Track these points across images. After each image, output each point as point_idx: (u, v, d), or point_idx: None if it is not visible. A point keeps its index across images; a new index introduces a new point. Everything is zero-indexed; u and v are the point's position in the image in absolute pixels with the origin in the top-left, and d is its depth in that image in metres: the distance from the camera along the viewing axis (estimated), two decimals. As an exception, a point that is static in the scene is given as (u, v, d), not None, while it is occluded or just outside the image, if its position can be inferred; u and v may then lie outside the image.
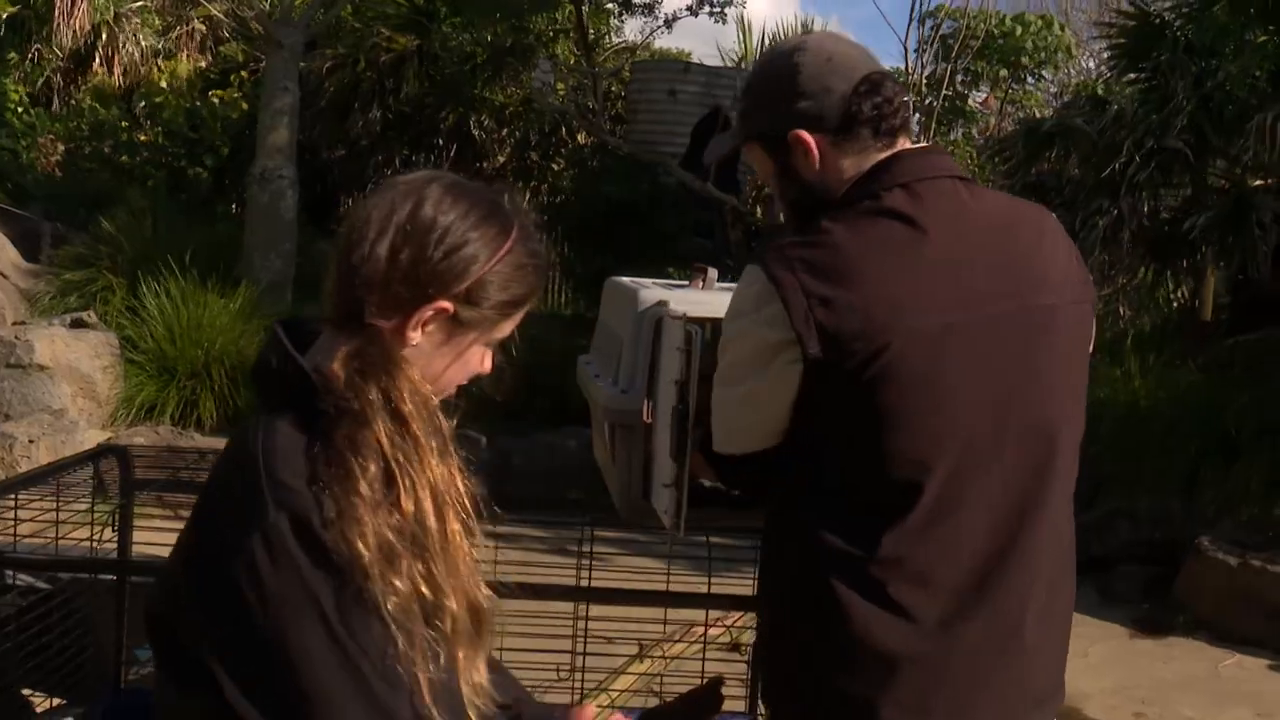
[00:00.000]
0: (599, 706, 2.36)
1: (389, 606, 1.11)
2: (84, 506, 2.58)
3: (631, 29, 13.44)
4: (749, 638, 2.57)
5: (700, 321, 1.85)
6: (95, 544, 2.55)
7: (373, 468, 1.13)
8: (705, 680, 2.45)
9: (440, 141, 12.11)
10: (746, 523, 2.22)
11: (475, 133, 11.96)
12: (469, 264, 1.23)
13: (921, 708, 1.52)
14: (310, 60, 10.77)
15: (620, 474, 2.09)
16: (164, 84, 12.50)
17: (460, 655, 1.16)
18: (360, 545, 1.10)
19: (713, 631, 2.48)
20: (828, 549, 1.52)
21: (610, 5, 11.08)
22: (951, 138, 12.77)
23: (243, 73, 12.01)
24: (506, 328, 1.30)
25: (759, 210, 10.78)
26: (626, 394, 2.04)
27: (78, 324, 7.87)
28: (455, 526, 1.17)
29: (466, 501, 1.20)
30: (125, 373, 7.75)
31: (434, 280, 1.22)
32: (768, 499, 1.69)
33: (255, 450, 1.16)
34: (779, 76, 1.66)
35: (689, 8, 10.79)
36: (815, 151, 1.64)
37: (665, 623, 2.54)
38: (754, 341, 1.57)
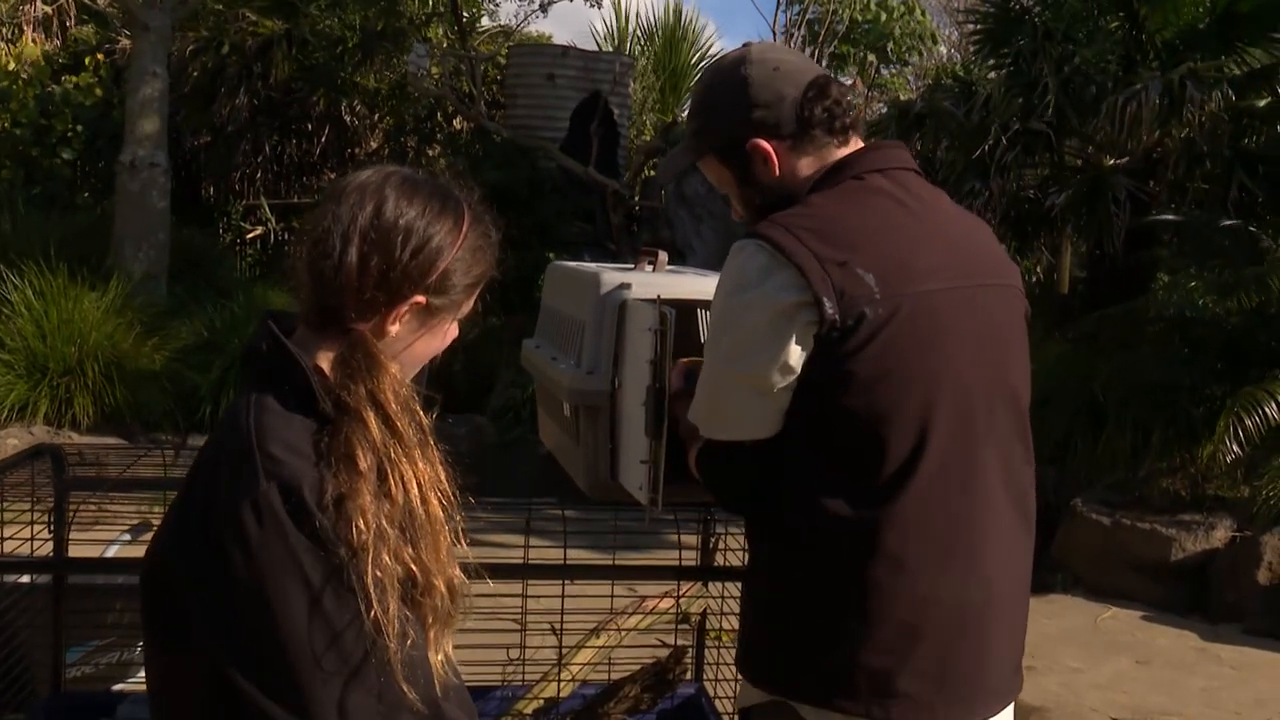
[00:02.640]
0: (562, 681, 2.42)
1: (370, 583, 1.17)
2: (17, 508, 2.52)
3: (506, 13, 13.36)
4: (698, 609, 2.66)
5: (670, 303, 1.92)
6: (31, 545, 2.49)
7: (370, 459, 1.22)
8: (668, 652, 2.55)
9: (311, 127, 11.86)
10: (708, 497, 2.31)
11: (347, 118, 11.74)
12: (435, 258, 1.31)
13: (940, 676, 1.59)
14: (172, 44, 10.40)
15: (586, 454, 2.14)
16: (11, 68, 11.90)
17: (435, 630, 1.24)
18: (360, 522, 1.18)
19: (664, 604, 2.56)
20: (841, 520, 1.56)
21: (484, -12, 10.99)
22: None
23: (99, 55, 11.51)
24: (470, 303, 1.39)
25: (638, 194, 10.88)
26: (592, 375, 2.09)
27: (-63, 324, 7.50)
28: (438, 512, 1.26)
29: (447, 489, 1.28)
30: (-7, 373, 7.41)
31: (405, 280, 1.29)
32: (745, 497, 1.70)
33: (247, 425, 1.23)
34: (730, 89, 1.74)
35: (564, -8, 10.78)
36: (774, 157, 1.72)
37: (613, 597, 2.60)
38: (767, 312, 1.57)
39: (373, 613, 1.16)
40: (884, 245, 1.60)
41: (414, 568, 1.22)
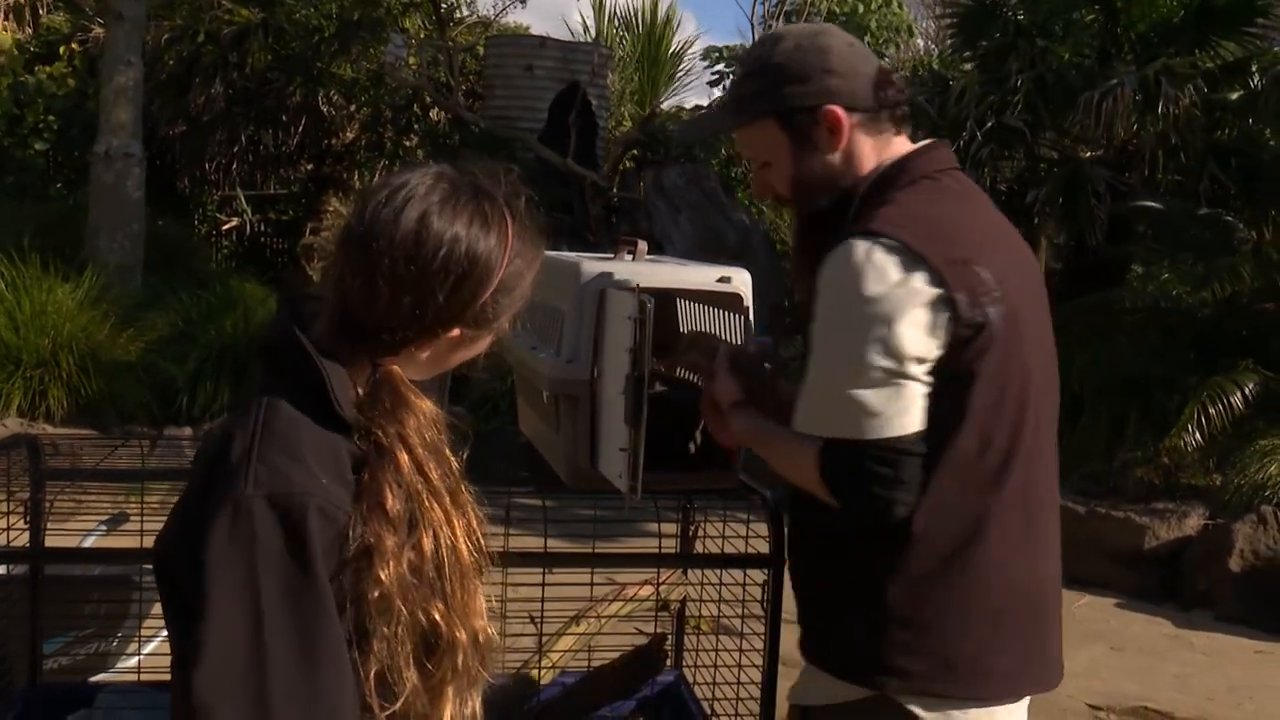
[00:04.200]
0: (542, 668, 2.42)
1: (378, 640, 1.12)
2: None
3: (484, 3, 13.31)
4: (678, 596, 2.67)
5: (650, 291, 1.92)
6: (8, 535, 2.47)
7: (401, 505, 1.15)
8: (649, 638, 2.55)
9: (287, 117, 11.78)
10: (696, 485, 2.32)
11: (324, 108, 11.67)
12: (473, 295, 1.21)
13: (1025, 655, 1.67)
14: (146, 32, 10.32)
15: (566, 443, 2.14)
16: (-17, 57, 11.78)
17: (454, 687, 1.18)
18: (381, 574, 1.12)
19: (643, 591, 2.56)
20: (953, 511, 1.59)
21: (462, -22, 10.95)
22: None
23: (73, 44, 11.40)
24: (507, 322, 1.30)
25: (617, 185, 10.87)
26: (572, 364, 2.09)
27: (-91, 315, 7.42)
28: (469, 562, 1.19)
29: (479, 537, 1.21)
30: (-36, 364, 7.34)
31: (439, 321, 1.21)
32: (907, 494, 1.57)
33: (255, 425, 1.17)
34: (806, 53, 1.69)
35: (543, -18, 10.75)
36: (845, 128, 1.68)
37: (592, 585, 2.60)
38: (912, 309, 1.53)
39: (374, 669, 1.11)
40: (985, 245, 1.63)
41: (439, 621, 1.15)
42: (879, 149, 1.71)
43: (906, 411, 1.55)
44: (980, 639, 1.62)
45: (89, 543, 3.11)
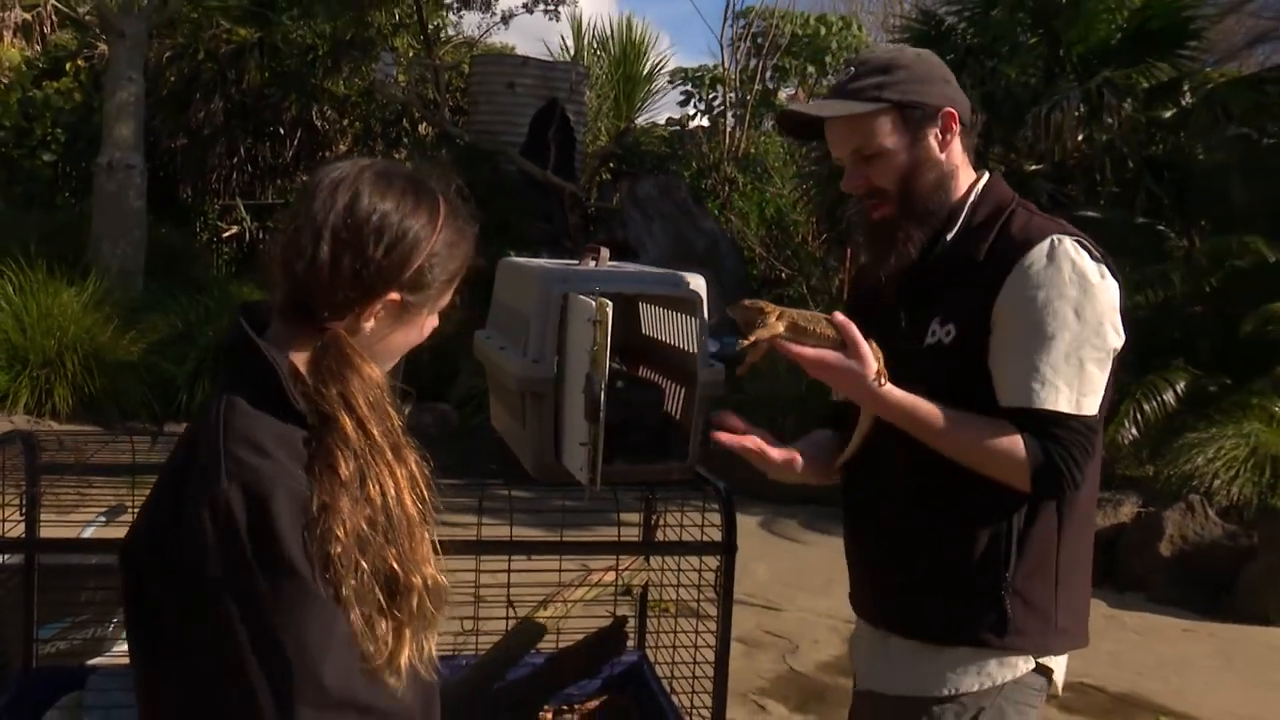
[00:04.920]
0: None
1: (347, 591, 1.12)
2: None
3: (469, 24, 13.28)
4: (640, 580, 2.67)
5: (609, 296, 1.92)
6: (4, 526, 2.44)
7: (352, 465, 1.16)
8: (613, 621, 2.55)
9: (283, 131, 11.72)
10: (647, 476, 2.32)
11: (318, 122, 11.61)
12: (409, 255, 1.22)
13: (1083, 614, 1.76)
14: (149, 50, 10.25)
15: (532, 438, 2.14)
16: (-7, 72, 11.67)
17: (412, 629, 1.18)
18: (339, 532, 1.12)
19: (608, 577, 2.56)
20: (1090, 487, 1.67)
21: (449, 1, 10.92)
22: (762, 129, 13.14)
23: (79, 61, 11.31)
24: (449, 296, 1.30)
25: (594, 195, 10.87)
26: (537, 364, 2.09)
27: (-79, 316, 7.34)
28: (414, 513, 1.19)
29: (423, 488, 1.21)
30: (-26, 364, 7.28)
31: (379, 279, 1.21)
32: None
33: (216, 423, 1.17)
34: (930, 62, 1.71)
35: (525, 5, 10.74)
36: (955, 133, 1.68)
37: (560, 571, 2.60)
38: (1116, 297, 1.62)
39: (352, 617, 1.11)
40: None
41: (395, 568, 1.16)
42: (964, 164, 1.71)
43: (1105, 391, 1.61)
44: (1079, 603, 1.72)
45: (89, 533, 3.09)
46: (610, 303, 1.88)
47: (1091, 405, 1.58)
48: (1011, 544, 1.63)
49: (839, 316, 1.64)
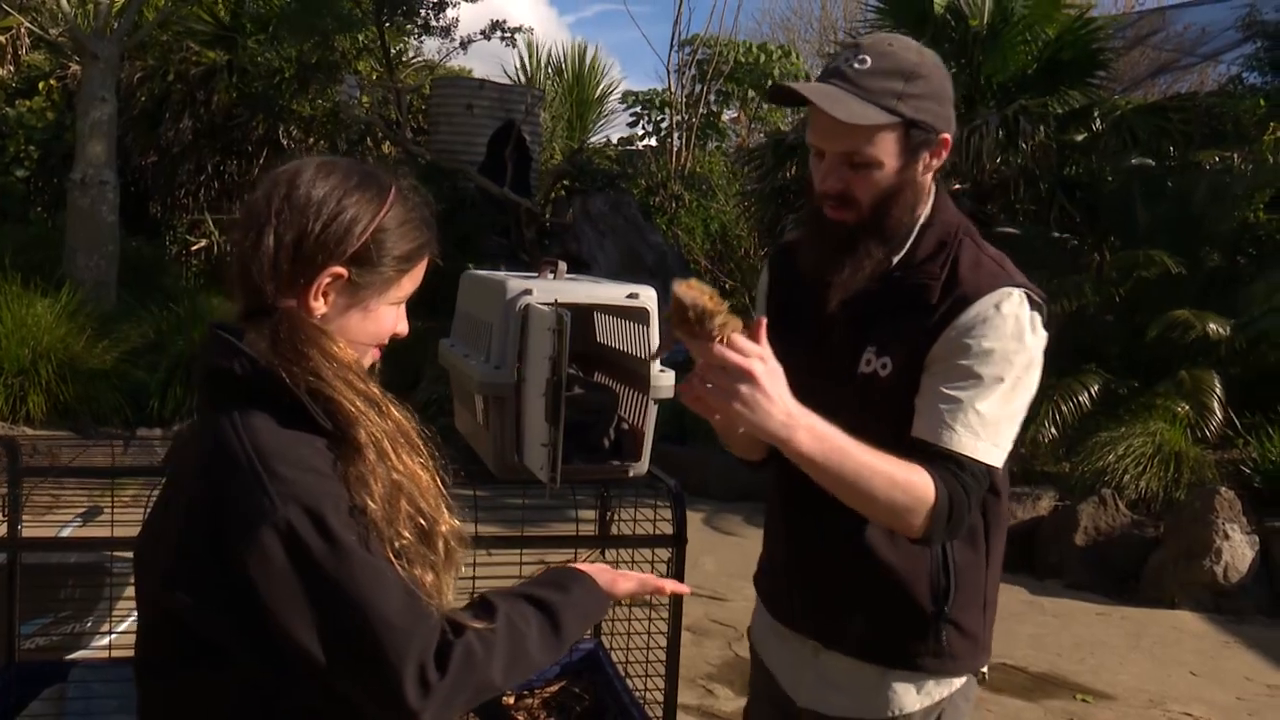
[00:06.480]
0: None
1: (398, 546, 1.12)
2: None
3: (429, 49, 13.21)
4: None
5: (568, 306, 1.95)
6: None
7: (366, 437, 1.14)
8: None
9: (250, 149, 11.57)
10: (603, 475, 2.35)
11: (284, 141, 11.48)
12: (350, 228, 1.18)
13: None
14: (120, 71, 10.08)
15: (494, 439, 2.16)
16: (-34, 92, 11.40)
17: (436, 576, 1.16)
18: (370, 503, 1.12)
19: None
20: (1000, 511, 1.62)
21: (410, 27, 10.87)
22: (707, 149, 13.23)
23: (51, 80, 11.09)
24: (408, 285, 1.25)
25: (549, 212, 10.87)
26: (499, 370, 2.11)
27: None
28: (415, 466, 1.17)
29: (417, 441, 1.19)
30: (-52, 372, 7.10)
31: (319, 250, 1.17)
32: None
33: (243, 449, 1.11)
34: (945, 79, 1.52)
35: (483, 32, 10.72)
36: (943, 160, 1.53)
37: (521, 564, 2.61)
38: (1040, 351, 1.52)
39: (408, 573, 1.12)
40: None
41: (421, 521, 1.15)
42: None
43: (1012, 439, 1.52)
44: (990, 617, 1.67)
45: (66, 534, 3.05)
46: (569, 313, 1.91)
47: (1001, 458, 1.49)
48: (950, 576, 1.56)
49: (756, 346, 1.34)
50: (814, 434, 1.36)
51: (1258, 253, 7.70)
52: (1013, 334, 1.48)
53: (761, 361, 1.31)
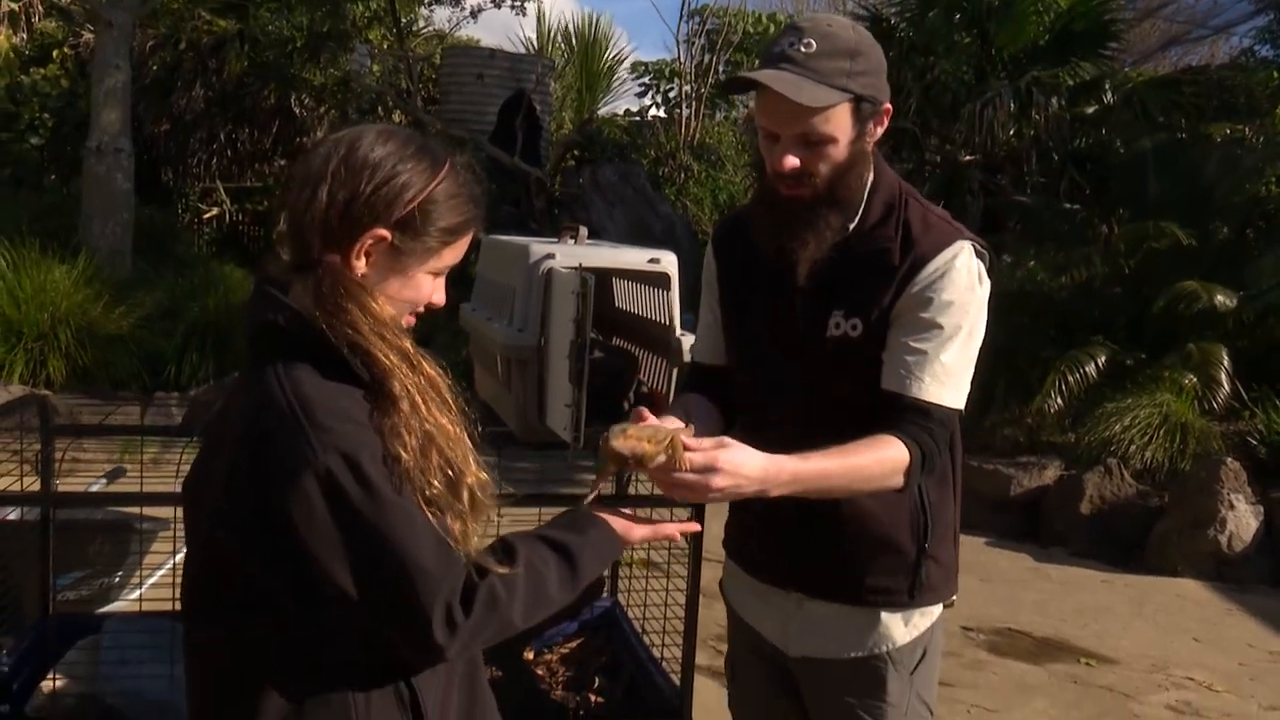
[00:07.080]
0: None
1: (429, 494, 1.16)
2: (5, 454, 2.49)
3: (440, 18, 13.14)
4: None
5: (591, 270, 1.98)
6: (22, 483, 2.46)
7: (401, 389, 1.17)
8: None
9: (262, 118, 11.56)
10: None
11: (296, 110, 11.47)
12: (401, 193, 1.20)
13: None
14: (133, 39, 10.06)
15: (516, 400, 2.20)
16: (-19, 59, 11.38)
17: (462, 526, 1.19)
18: (404, 453, 1.15)
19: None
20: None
21: (421, -4, 10.83)
22: (716, 119, 13.17)
23: (65, 49, 11.08)
24: (449, 256, 1.27)
25: (558, 181, 10.86)
26: (522, 333, 2.14)
27: (-83, 292, 7.19)
28: (444, 420, 1.20)
29: (447, 397, 1.22)
30: (-31, 337, 7.16)
31: (367, 211, 1.19)
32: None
33: (288, 401, 1.15)
34: (878, 48, 1.58)
35: (493, 0, 10.66)
36: (884, 126, 1.59)
37: (540, 520, 2.65)
38: (986, 298, 1.60)
39: (440, 520, 1.15)
40: None
41: (449, 471, 1.18)
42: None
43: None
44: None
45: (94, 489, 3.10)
46: (593, 276, 1.94)
47: (963, 401, 1.59)
48: (927, 515, 1.64)
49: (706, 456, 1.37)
50: (792, 479, 1.45)
51: (1267, 226, 7.68)
52: (966, 285, 1.57)
53: (718, 456, 1.36)
